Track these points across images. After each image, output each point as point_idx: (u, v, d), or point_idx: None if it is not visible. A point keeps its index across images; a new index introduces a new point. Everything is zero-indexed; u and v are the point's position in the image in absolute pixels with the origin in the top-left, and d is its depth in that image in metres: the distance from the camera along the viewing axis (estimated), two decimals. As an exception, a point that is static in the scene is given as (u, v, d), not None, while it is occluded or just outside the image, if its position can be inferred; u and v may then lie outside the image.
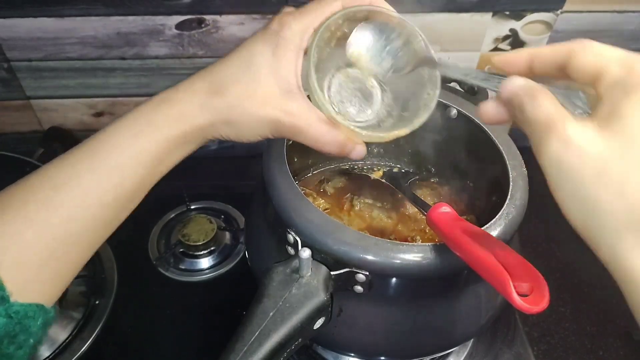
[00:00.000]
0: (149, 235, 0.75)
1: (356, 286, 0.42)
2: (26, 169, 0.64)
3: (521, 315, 0.67)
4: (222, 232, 0.75)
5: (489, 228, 0.42)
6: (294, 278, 0.39)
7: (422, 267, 0.40)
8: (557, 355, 0.64)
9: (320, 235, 0.40)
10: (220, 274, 0.71)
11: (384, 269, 0.40)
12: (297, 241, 0.42)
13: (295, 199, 0.43)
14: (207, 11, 0.68)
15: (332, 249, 0.40)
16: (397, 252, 0.39)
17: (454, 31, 0.73)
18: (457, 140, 0.56)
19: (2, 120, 0.80)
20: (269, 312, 0.37)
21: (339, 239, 0.40)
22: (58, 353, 0.62)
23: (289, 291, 0.38)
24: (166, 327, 0.66)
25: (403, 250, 0.40)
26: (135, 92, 0.77)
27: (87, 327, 0.64)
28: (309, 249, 0.38)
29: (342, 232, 0.40)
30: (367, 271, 0.40)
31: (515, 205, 0.44)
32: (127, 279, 0.70)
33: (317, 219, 0.41)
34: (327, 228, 0.41)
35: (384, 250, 0.39)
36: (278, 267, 0.40)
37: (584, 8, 0.73)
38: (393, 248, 0.40)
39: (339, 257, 0.40)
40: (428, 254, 0.40)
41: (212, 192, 0.81)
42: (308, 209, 0.42)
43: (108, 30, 0.69)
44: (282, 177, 0.45)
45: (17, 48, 0.70)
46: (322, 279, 0.39)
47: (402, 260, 0.39)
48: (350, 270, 0.40)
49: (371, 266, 0.40)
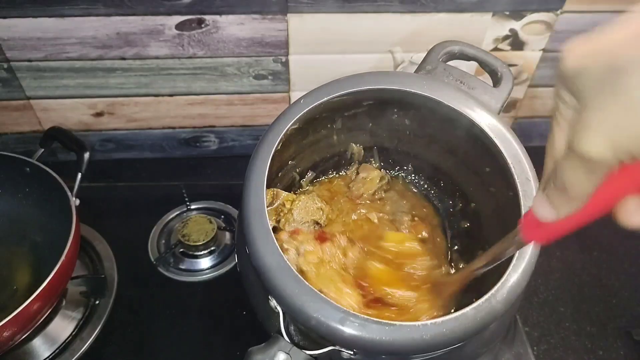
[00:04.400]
0: (149, 235, 0.75)
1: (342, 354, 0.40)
2: (26, 169, 0.65)
3: (521, 315, 0.67)
4: (222, 232, 0.75)
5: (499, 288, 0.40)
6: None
7: (409, 346, 0.37)
8: (557, 355, 0.64)
9: (304, 312, 0.38)
10: (220, 274, 0.71)
11: (371, 349, 0.38)
12: (279, 311, 0.39)
13: (277, 268, 0.40)
14: (207, 11, 0.68)
15: (315, 328, 0.38)
16: (383, 333, 0.37)
17: (454, 31, 0.73)
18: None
19: (2, 120, 0.80)
20: None
21: (323, 316, 0.37)
22: (58, 353, 0.62)
23: None
24: (166, 327, 0.66)
25: (394, 331, 0.37)
26: (135, 92, 0.77)
27: (87, 327, 0.64)
28: (284, 354, 0.36)
29: (327, 310, 0.38)
30: (352, 350, 0.39)
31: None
32: (127, 279, 0.70)
33: (300, 292, 0.38)
34: (310, 304, 0.38)
35: (371, 331, 0.37)
36: (257, 354, 0.38)
37: (584, 8, 0.73)
38: (382, 329, 0.37)
39: (322, 336, 0.38)
40: (416, 333, 0.37)
41: (212, 192, 0.81)
42: (291, 279, 0.39)
43: (108, 30, 0.69)
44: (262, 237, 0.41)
45: (17, 48, 0.70)
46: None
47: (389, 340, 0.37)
48: (333, 348, 0.39)
49: (358, 346, 0.38)
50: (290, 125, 0.49)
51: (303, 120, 0.51)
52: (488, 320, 0.39)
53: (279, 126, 0.49)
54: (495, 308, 0.39)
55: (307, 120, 0.53)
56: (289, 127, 0.49)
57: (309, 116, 0.52)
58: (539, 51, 0.78)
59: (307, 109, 0.50)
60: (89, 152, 0.66)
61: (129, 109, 0.80)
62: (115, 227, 0.75)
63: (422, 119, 0.57)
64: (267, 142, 0.48)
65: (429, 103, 0.52)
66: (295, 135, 0.54)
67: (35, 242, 0.68)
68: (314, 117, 0.54)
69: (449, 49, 0.55)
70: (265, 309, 0.43)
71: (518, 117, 0.88)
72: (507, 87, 0.53)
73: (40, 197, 0.67)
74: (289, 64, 0.75)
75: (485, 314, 0.39)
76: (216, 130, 0.85)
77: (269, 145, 0.48)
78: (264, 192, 0.44)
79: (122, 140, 0.85)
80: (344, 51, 0.74)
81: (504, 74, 0.53)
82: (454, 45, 0.55)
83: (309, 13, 0.69)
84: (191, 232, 0.72)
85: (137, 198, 0.81)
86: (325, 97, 0.50)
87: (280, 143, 0.49)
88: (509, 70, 0.53)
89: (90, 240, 0.73)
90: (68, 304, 0.66)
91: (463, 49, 0.55)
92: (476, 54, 0.55)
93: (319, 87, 0.52)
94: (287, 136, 0.50)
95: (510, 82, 0.53)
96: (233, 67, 0.75)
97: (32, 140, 0.81)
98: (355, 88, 0.51)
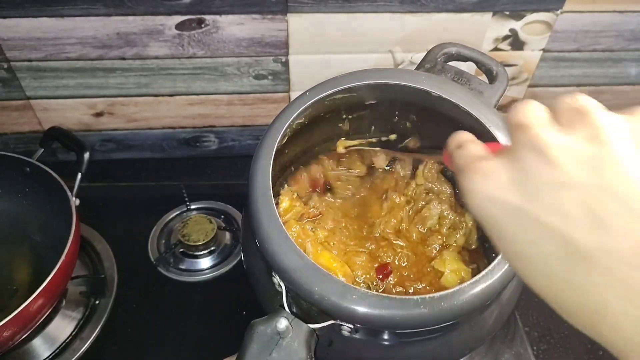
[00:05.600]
0: (149, 235, 0.75)
1: (343, 330, 0.41)
2: (26, 169, 0.65)
3: (521, 315, 0.67)
4: (222, 232, 0.75)
5: (495, 266, 0.41)
6: (274, 340, 0.38)
7: (407, 320, 0.38)
8: (557, 355, 0.64)
9: (305, 286, 0.39)
10: (220, 274, 0.71)
11: (370, 324, 0.39)
12: (282, 286, 0.40)
13: (282, 244, 0.41)
14: (207, 11, 0.68)
15: (317, 302, 0.39)
16: (383, 306, 0.38)
17: (454, 31, 0.73)
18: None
19: (2, 120, 0.80)
20: None
21: (324, 290, 0.38)
22: (58, 353, 0.62)
23: (268, 355, 0.37)
24: (166, 327, 0.66)
25: (393, 305, 0.38)
26: (135, 92, 0.77)
27: (87, 327, 0.64)
28: (287, 320, 0.37)
29: (328, 284, 0.39)
30: (352, 324, 0.39)
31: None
32: (127, 279, 0.70)
33: (303, 267, 0.39)
34: (313, 279, 0.39)
35: (370, 304, 0.38)
36: (259, 325, 0.39)
37: (584, 8, 0.73)
38: (382, 303, 0.38)
39: (323, 310, 0.39)
40: (415, 307, 0.38)
41: (212, 192, 0.81)
42: (294, 255, 0.40)
43: (108, 30, 0.69)
44: (269, 220, 0.42)
45: (17, 48, 0.70)
46: (303, 339, 0.38)
47: (390, 315, 0.38)
48: (335, 322, 0.40)
49: (357, 320, 0.39)
50: (300, 112, 0.50)
51: (309, 116, 0.53)
52: (487, 296, 0.40)
53: (290, 110, 0.51)
54: (492, 285, 0.40)
55: (313, 118, 0.54)
56: (299, 111, 0.50)
57: (314, 113, 0.53)
58: (539, 51, 0.78)
59: (314, 99, 0.51)
60: (89, 152, 0.66)
61: (129, 109, 0.80)
62: (115, 227, 0.75)
63: (423, 115, 0.58)
64: (275, 128, 0.49)
65: (428, 98, 0.53)
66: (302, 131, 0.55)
67: (35, 242, 0.68)
68: (319, 114, 0.55)
69: (446, 50, 0.57)
70: (268, 289, 0.44)
71: (518, 117, 0.88)
72: (503, 84, 0.55)
73: (40, 197, 0.67)
74: (289, 64, 0.75)
75: (483, 290, 0.40)
76: (216, 130, 0.85)
77: (281, 124, 0.49)
78: (269, 172, 0.45)
79: (122, 140, 0.85)
80: (344, 51, 0.74)
81: (499, 72, 0.55)
82: (452, 46, 0.57)
83: (309, 13, 0.69)
84: (191, 232, 0.72)
85: (137, 198, 0.81)
86: (330, 90, 0.52)
87: (292, 126, 0.50)
88: (504, 69, 0.56)
89: (90, 240, 0.73)
90: (68, 304, 0.66)
91: (460, 50, 0.57)
92: (472, 55, 0.57)
93: (323, 82, 0.53)
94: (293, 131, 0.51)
95: (505, 80, 0.55)
96: (233, 67, 0.75)
97: (32, 140, 0.81)
98: (359, 82, 0.53)
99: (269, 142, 0.47)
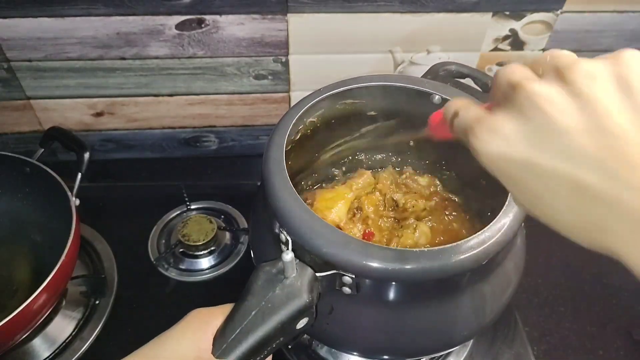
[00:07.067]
0: (149, 235, 0.75)
1: (344, 287, 0.42)
2: (26, 169, 0.65)
3: (521, 315, 0.67)
4: (222, 232, 0.75)
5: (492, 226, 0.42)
6: (278, 279, 0.39)
7: (409, 272, 0.39)
8: (557, 355, 0.64)
9: (308, 236, 0.40)
10: (220, 274, 0.71)
11: (369, 273, 0.40)
12: (289, 240, 0.42)
13: (289, 199, 0.43)
14: (207, 11, 0.68)
15: (319, 251, 0.40)
16: (383, 258, 0.39)
17: (454, 31, 0.73)
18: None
19: (2, 120, 0.80)
20: (251, 310, 0.38)
21: (326, 240, 0.40)
22: (58, 353, 0.62)
23: (272, 291, 0.39)
24: (166, 327, 0.65)
25: (390, 255, 0.39)
26: (135, 92, 0.77)
27: (87, 327, 0.64)
28: (292, 252, 0.39)
29: (330, 235, 0.40)
30: (352, 274, 0.40)
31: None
32: (127, 279, 0.70)
33: (308, 220, 0.41)
34: (316, 230, 0.41)
35: (370, 254, 0.39)
36: (265, 266, 0.40)
37: (584, 8, 0.73)
38: (379, 253, 0.39)
39: (325, 259, 0.40)
40: (417, 260, 0.39)
41: (212, 192, 0.81)
42: (300, 210, 0.42)
43: (108, 30, 0.69)
44: (278, 176, 0.45)
45: (17, 48, 0.70)
46: (306, 280, 0.40)
47: (387, 265, 0.39)
48: (336, 272, 0.41)
49: (356, 269, 0.40)
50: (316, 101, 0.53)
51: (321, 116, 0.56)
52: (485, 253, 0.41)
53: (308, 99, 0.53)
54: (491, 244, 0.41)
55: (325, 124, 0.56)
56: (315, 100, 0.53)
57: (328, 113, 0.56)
58: (538, 51, 0.78)
59: (326, 94, 0.53)
60: (89, 152, 0.66)
61: (129, 109, 0.80)
62: (115, 227, 0.75)
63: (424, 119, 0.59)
64: (298, 105, 0.52)
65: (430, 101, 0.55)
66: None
67: (35, 242, 0.68)
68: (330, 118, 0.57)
69: (446, 67, 0.62)
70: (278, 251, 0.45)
71: (518, 117, 0.88)
72: None
73: (40, 197, 0.67)
74: (289, 64, 0.75)
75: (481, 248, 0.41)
76: (216, 130, 0.85)
77: (299, 106, 0.52)
78: (284, 140, 0.48)
79: (122, 140, 0.85)
80: (344, 51, 0.74)
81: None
82: (451, 65, 0.62)
83: (309, 13, 0.69)
84: (191, 232, 0.72)
85: (137, 198, 0.81)
86: (336, 89, 0.54)
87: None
88: None
89: (90, 240, 0.73)
90: (68, 304, 0.66)
91: (459, 69, 0.62)
92: (470, 72, 0.61)
93: (331, 84, 0.55)
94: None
95: None
96: (233, 67, 0.75)
97: (32, 140, 0.81)
98: (366, 83, 0.55)
99: (289, 115, 0.51)
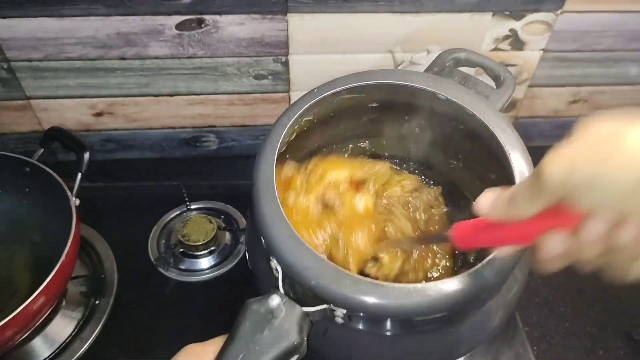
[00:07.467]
0: (149, 235, 0.75)
1: (337, 318, 0.42)
2: (26, 169, 0.65)
3: (521, 315, 0.67)
4: (222, 232, 0.75)
5: (490, 262, 0.41)
6: (267, 319, 0.38)
7: (403, 309, 0.39)
8: (557, 355, 0.64)
9: (299, 269, 0.40)
10: (220, 274, 0.71)
11: (361, 309, 0.39)
12: (279, 270, 0.41)
13: (280, 229, 0.42)
14: (207, 11, 0.68)
15: (308, 284, 0.39)
16: (375, 294, 0.38)
17: (454, 31, 0.73)
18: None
19: (2, 120, 0.80)
20: (238, 354, 0.37)
21: (316, 274, 0.39)
22: (58, 353, 0.62)
23: (260, 333, 0.38)
24: (166, 327, 0.66)
25: (383, 292, 0.39)
26: (135, 92, 0.77)
27: (87, 327, 0.64)
28: (279, 297, 0.38)
29: (320, 268, 0.40)
30: (344, 309, 0.40)
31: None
32: (127, 279, 0.70)
33: (299, 252, 0.41)
34: (306, 262, 0.40)
35: (363, 291, 0.39)
36: (253, 304, 0.39)
37: (584, 8, 0.73)
38: (372, 289, 0.39)
39: (315, 293, 0.40)
40: (409, 296, 0.38)
41: (212, 192, 0.81)
42: (291, 240, 0.41)
43: (108, 30, 0.69)
44: (268, 199, 0.44)
45: (17, 48, 0.70)
46: (295, 320, 0.39)
47: (380, 301, 0.38)
48: (327, 307, 0.40)
49: (348, 305, 0.39)
50: (309, 107, 0.52)
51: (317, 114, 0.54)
52: (480, 288, 0.40)
53: (300, 103, 0.52)
54: (486, 278, 0.41)
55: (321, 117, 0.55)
56: (309, 104, 0.52)
57: (323, 111, 0.54)
58: (539, 51, 0.78)
59: (322, 96, 0.53)
60: (89, 152, 0.66)
61: (129, 109, 0.80)
62: (115, 227, 0.75)
63: (428, 118, 0.58)
64: (282, 122, 0.51)
65: (434, 99, 0.54)
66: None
67: (35, 242, 0.68)
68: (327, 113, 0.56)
69: (455, 55, 0.59)
70: (268, 279, 0.45)
71: (518, 117, 0.88)
72: (509, 89, 0.57)
73: (40, 197, 0.67)
74: (289, 64, 0.75)
75: (476, 283, 0.40)
76: (216, 130, 0.85)
77: (287, 118, 0.51)
78: (274, 160, 0.47)
79: (122, 140, 0.85)
80: (344, 51, 0.74)
81: (507, 77, 0.57)
82: (461, 52, 0.59)
83: (309, 13, 0.69)
84: (191, 232, 0.72)
85: (137, 198, 0.81)
86: (335, 88, 0.53)
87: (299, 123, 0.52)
88: (510, 75, 0.57)
89: (90, 240, 0.73)
90: (68, 304, 0.66)
91: (469, 56, 0.59)
92: (481, 60, 0.59)
93: (329, 81, 0.55)
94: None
95: (512, 85, 0.57)
96: (233, 67, 0.75)
97: (32, 140, 0.81)
98: (367, 81, 0.54)
99: (276, 133, 0.49)
